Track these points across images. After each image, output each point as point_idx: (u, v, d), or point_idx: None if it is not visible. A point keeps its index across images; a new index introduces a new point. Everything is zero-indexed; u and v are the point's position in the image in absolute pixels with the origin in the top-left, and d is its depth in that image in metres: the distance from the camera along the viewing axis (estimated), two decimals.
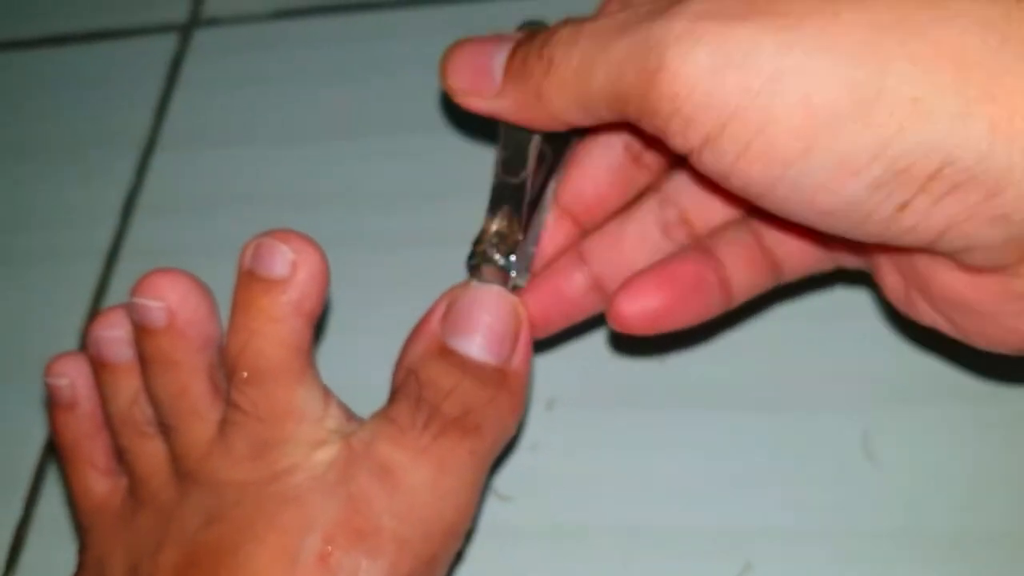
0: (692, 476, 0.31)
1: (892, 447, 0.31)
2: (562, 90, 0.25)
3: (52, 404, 0.32)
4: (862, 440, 0.31)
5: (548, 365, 0.34)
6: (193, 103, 0.44)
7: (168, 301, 0.28)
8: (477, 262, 0.29)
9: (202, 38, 0.46)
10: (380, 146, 0.41)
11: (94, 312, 0.39)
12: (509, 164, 0.29)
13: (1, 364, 0.39)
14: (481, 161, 0.39)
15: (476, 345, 0.28)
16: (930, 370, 0.32)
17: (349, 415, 0.29)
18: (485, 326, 0.28)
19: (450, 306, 0.29)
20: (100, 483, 0.31)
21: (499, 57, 0.27)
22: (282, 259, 0.27)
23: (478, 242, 0.29)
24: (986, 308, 0.24)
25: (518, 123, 0.28)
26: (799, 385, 0.32)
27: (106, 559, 0.29)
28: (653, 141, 0.27)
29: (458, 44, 0.28)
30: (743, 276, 0.29)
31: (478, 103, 0.28)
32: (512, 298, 0.29)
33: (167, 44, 0.46)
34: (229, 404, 0.28)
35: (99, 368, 0.30)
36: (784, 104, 0.21)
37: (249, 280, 0.28)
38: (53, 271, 0.41)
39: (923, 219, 0.22)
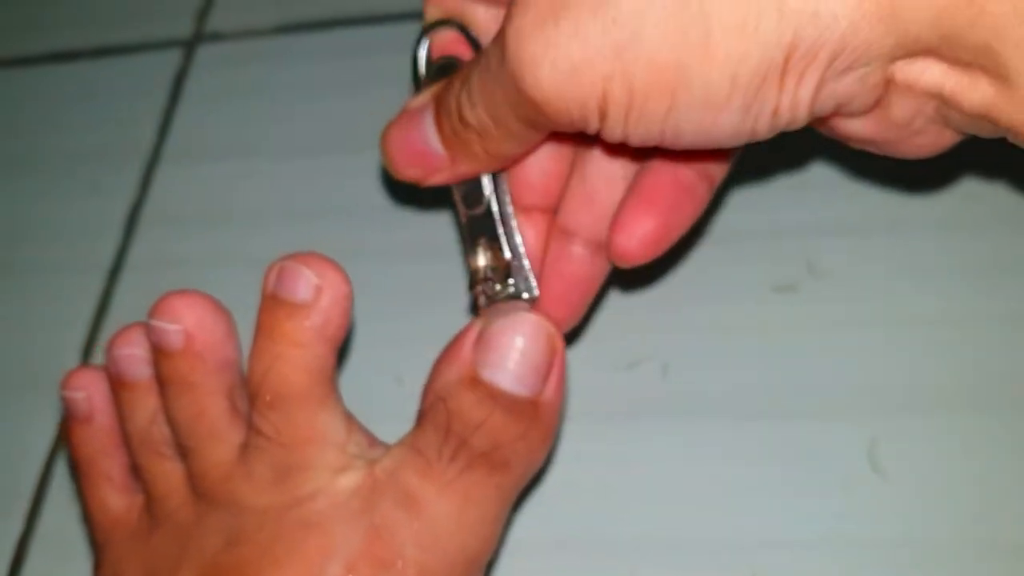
0: (698, 486, 0.31)
1: (898, 458, 0.31)
2: (500, 141, 0.27)
3: (69, 417, 0.31)
4: (868, 450, 0.31)
5: None
6: (197, 117, 0.45)
7: (185, 324, 0.28)
8: (484, 303, 0.29)
9: (206, 53, 0.46)
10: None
11: (97, 325, 0.39)
12: (468, 198, 0.29)
13: (5, 377, 0.39)
14: None
15: (510, 376, 0.27)
16: (937, 381, 0.31)
17: (372, 441, 0.29)
18: (519, 356, 0.27)
19: (483, 332, 0.27)
20: (116, 499, 0.31)
21: (428, 132, 0.28)
22: (305, 284, 0.27)
23: (473, 284, 0.29)
24: (887, 137, 0.25)
25: (480, 175, 0.29)
26: (805, 395, 0.32)
27: None
28: None
29: (385, 136, 0.29)
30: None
31: (441, 178, 0.29)
32: (547, 326, 0.27)
33: (171, 59, 0.46)
34: (251, 428, 0.28)
35: (118, 386, 0.30)
36: (636, 73, 0.23)
37: (272, 304, 0.27)
38: (57, 284, 0.41)
39: (794, 109, 0.23)
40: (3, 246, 0.43)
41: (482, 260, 0.29)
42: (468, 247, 0.29)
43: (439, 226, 0.39)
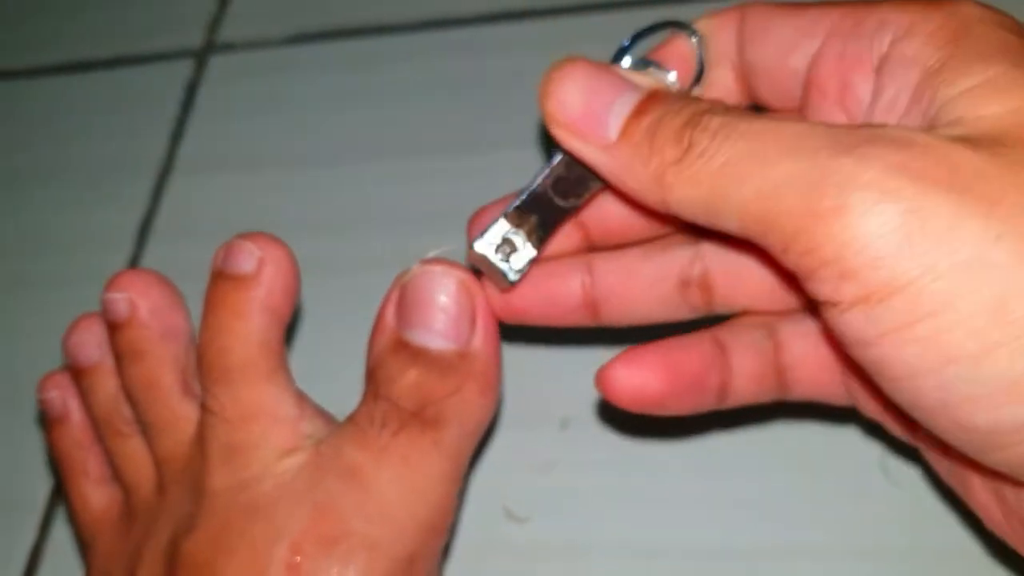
0: (708, 495, 0.31)
1: (911, 466, 0.30)
2: (692, 185, 0.22)
3: (47, 420, 0.32)
4: (880, 458, 0.31)
5: (562, 384, 0.34)
6: (209, 128, 0.45)
7: (130, 292, 0.29)
8: (481, 253, 0.27)
9: (217, 63, 0.47)
10: (395, 169, 0.41)
11: None
12: (561, 187, 0.26)
13: (18, 389, 0.39)
14: (499, 184, 0.39)
15: (431, 333, 0.26)
16: None
17: (329, 421, 0.29)
18: (436, 311, 0.26)
19: (400, 295, 0.27)
20: (96, 495, 0.31)
21: (620, 106, 0.23)
22: (248, 256, 0.28)
23: (486, 233, 0.27)
24: None
25: (611, 183, 0.24)
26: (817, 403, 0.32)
27: (110, 574, 0.29)
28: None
29: (571, 66, 0.24)
30: (745, 388, 0.27)
31: (575, 144, 0.24)
32: (461, 275, 0.26)
33: (183, 69, 0.47)
34: (202, 407, 0.28)
35: (78, 375, 0.31)
36: (972, 298, 0.18)
37: (218, 279, 0.28)
38: (69, 295, 0.41)
39: None
40: (16, 256, 0.43)
41: (509, 233, 0.26)
42: (517, 208, 0.26)
43: (456, 235, 0.38)
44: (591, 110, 0.24)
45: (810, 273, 0.20)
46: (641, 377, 0.26)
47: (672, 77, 0.26)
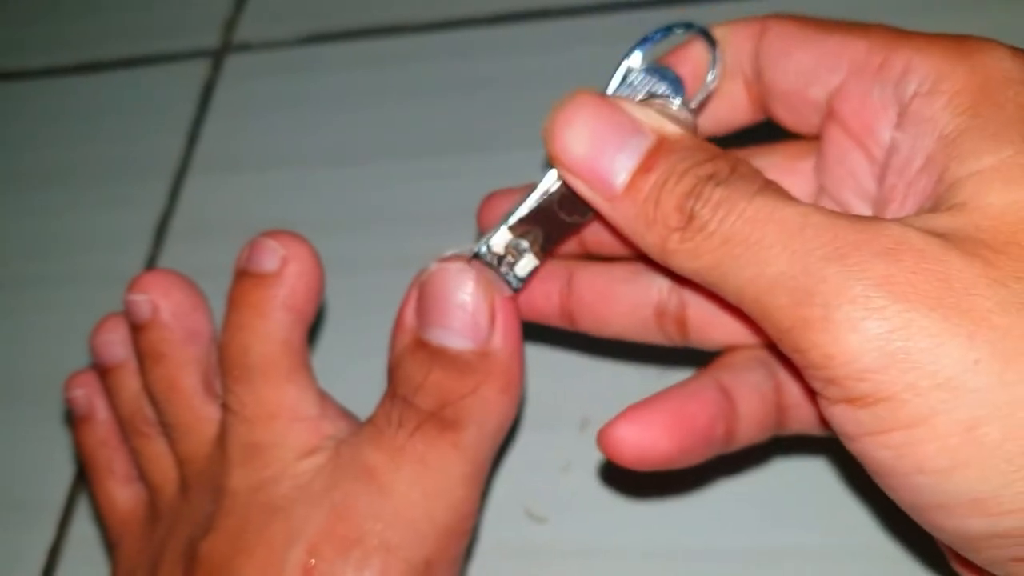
0: (727, 496, 0.31)
1: None
2: (692, 258, 0.22)
3: (74, 419, 0.32)
4: None
5: (581, 385, 0.34)
6: (225, 128, 0.45)
7: (152, 294, 0.29)
8: (489, 260, 0.26)
9: (234, 63, 0.47)
10: (410, 169, 0.41)
11: None
12: (566, 204, 0.25)
13: (35, 388, 0.40)
14: (513, 183, 0.39)
15: (449, 332, 0.25)
16: None
17: (352, 422, 0.29)
18: (455, 310, 0.25)
19: (419, 294, 0.26)
20: (123, 494, 0.31)
21: (626, 158, 0.23)
22: (272, 255, 0.28)
23: (486, 247, 0.26)
24: None
25: (618, 234, 0.24)
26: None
27: (134, 574, 0.29)
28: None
29: (576, 105, 0.23)
30: (749, 432, 0.26)
31: (580, 188, 0.24)
32: (482, 274, 0.26)
33: (199, 69, 0.47)
34: (223, 406, 0.28)
35: (103, 374, 0.31)
36: (947, 418, 0.19)
37: (241, 278, 0.28)
38: (86, 294, 0.41)
39: None
40: (34, 256, 0.43)
41: (512, 242, 0.26)
42: (520, 220, 0.26)
43: (464, 236, 0.39)
44: (596, 159, 0.23)
45: (800, 368, 0.21)
46: (649, 437, 0.25)
47: (677, 104, 0.25)
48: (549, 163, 0.24)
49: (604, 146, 0.23)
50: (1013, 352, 0.19)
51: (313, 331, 0.37)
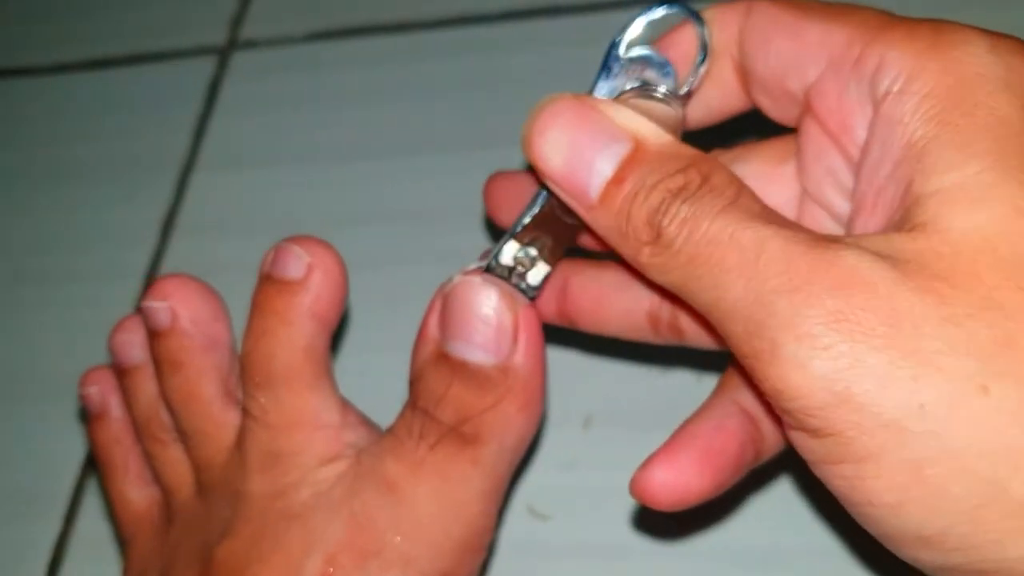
0: (729, 494, 0.31)
1: None
2: (662, 273, 0.22)
3: (88, 416, 0.32)
4: None
5: (585, 383, 0.34)
6: (231, 124, 0.45)
7: (171, 302, 0.29)
8: (500, 273, 0.26)
9: (240, 60, 0.47)
10: (416, 165, 0.41)
11: None
12: (565, 207, 0.24)
13: (41, 383, 0.40)
14: None
15: (471, 346, 0.25)
16: None
17: (372, 431, 0.28)
18: (478, 324, 0.25)
19: (443, 307, 0.26)
20: (136, 492, 0.31)
21: (604, 164, 0.23)
22: (297, 262, 0.27)
23: (496, 260, 0.26)
24: None
25: (602, 240, 0.24)
26: None
27: (146, 574, 0.29)
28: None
29: (551, 112, 0.23)
30: (776, 445, 0.26)
31: (562, 196, 0.24)
32: (505, 288, 0.26)
33: (206, 67, 0.47)
34: (243, 412, 0.28)
35: (120, 374, 0.31)
36: (893, 457, 0.19)
37: (265, 283, 0.28)
38: (93, 290, 0.41)
39: None
40: (40, 253, 0.43)
41: (520, 251, 0.26)
42: (526, 229, 0.26)
43: (476, 231, 0.39)
44: (573, 168, 0.23)
45: (762, 392, 0.21)
46: (683, 480, 0.25)
47: (663, 92, 0.25)
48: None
49: (580, 154, 0.23)
50: (959, 397, 0.18)
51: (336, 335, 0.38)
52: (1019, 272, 0.19)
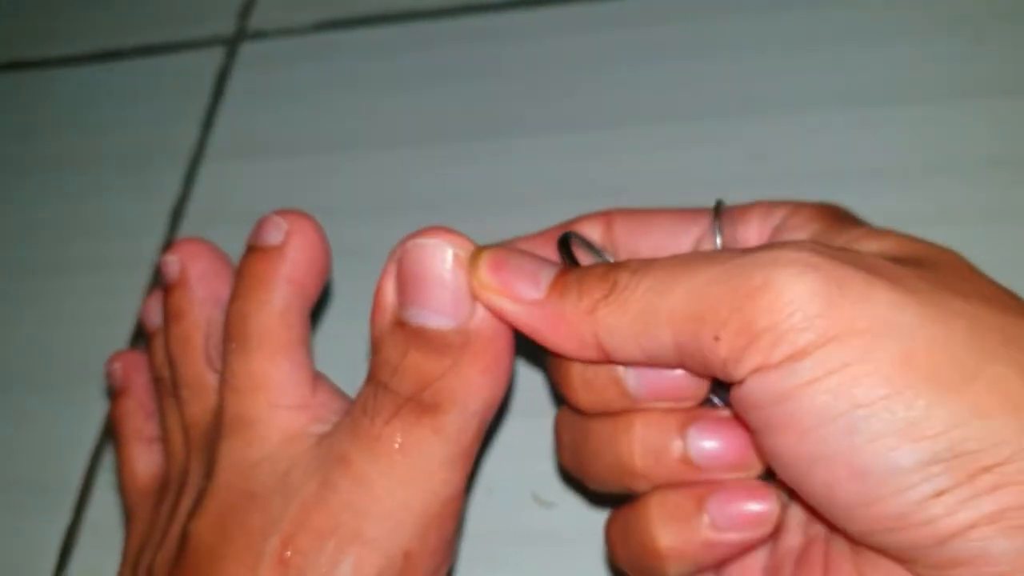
0: None
1: None
2: (620, 313, 0.23)
3: (111, 394, 0.33)
4: None
5: None
6: (240, 115, 0.45)
7: (182, 256, 0.31)
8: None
9: (248, 51, 0.47)
10: (425, 155, 0.41)
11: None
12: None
13: (52, 371, 0.40)
14: (526, 169, 0.39)
15: (427, 310, 0.24)
16: None
17: (346, 406, 0.28)
18: (433, 287, 0.24)
19: (397, 272, 0.25)
20: (143, 466, 0.31)
21: (546, 271, 0.24)
22: (276, 230, 0.28)
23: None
24: None
25: (541, 342, 0.24)
26: None
27: (142, 547, 0.30)
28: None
29: (499, 245, 0.25)
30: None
31: (508, 306, 0.24)
32: (459, 245, 0.25)
33: (214, 57, 0.47)
34: (219, 375, 0.28)
35: (148, 340, 0.33)
36: (882, 352, 0.21)
37: (247, 252, 0.29)
38: (103, 280, 0.42)
39: (949, 513, 0.20)
40: (51, 243, 0.44)
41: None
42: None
43: (487, 220, 0.39)
44: (518, 269, 0.24)
45: (742, 351, 0.21)
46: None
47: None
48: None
49: (522, 264, 0.25)
50: (928, 301, 0.21)
51: (325, 317, 0.38)
52: (927, 260, 0.24)
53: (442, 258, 0.24)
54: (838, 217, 0.27)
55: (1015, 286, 0.24)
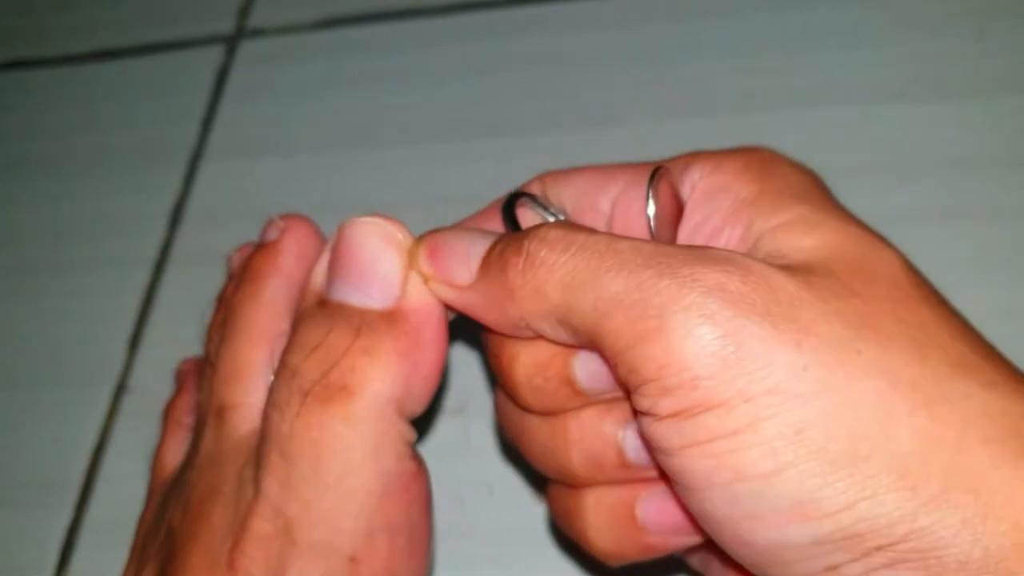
0: None
1: None
2: (536, 296, 0.22)
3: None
4: None
5: None
6: (239, 113, 0.45)
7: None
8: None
9: (248, 49, 0.47)
10: (425, 153, 0.41)
11: (143, 318, 0.40)
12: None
13: (53, 369, 0.40)
14: (528, 165, 0.39)
15: (351, 288, 0.24)
16: None
17: None
18: (361, 265, 0.24)
19: (330, 254, 0.25)
20: (173, 451, 0.31)
21: (478, 247, 0.24)
22: (274, 228, 0.29)
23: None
24: None
25: (484, 324, 0.24)
26: None
27: (148, 533, 0.29)
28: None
29: (439, 229, 0.25)
30: None
31: (446, 292, 0.24)
32: (387, 226, 0.24)
33: (214, 55, 0.47)
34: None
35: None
36: (773, 423, 0.19)
37: (251, 251, 0.30)
38: (103, 278, 0.42)
39: None
40: (51, 242, 0.44)
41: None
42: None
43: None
44: (452, 253, 0.24)
45: (634, 388, 0.21)
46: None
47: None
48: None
49: (456, 247, 0.24)
50: (834, 360, 0.20)
51: None
52: (862, 273, 0.21)
53: (373, 237, 0.24)
54: (770, 179, 0.24)
55: (1009, 284, 0.24)
